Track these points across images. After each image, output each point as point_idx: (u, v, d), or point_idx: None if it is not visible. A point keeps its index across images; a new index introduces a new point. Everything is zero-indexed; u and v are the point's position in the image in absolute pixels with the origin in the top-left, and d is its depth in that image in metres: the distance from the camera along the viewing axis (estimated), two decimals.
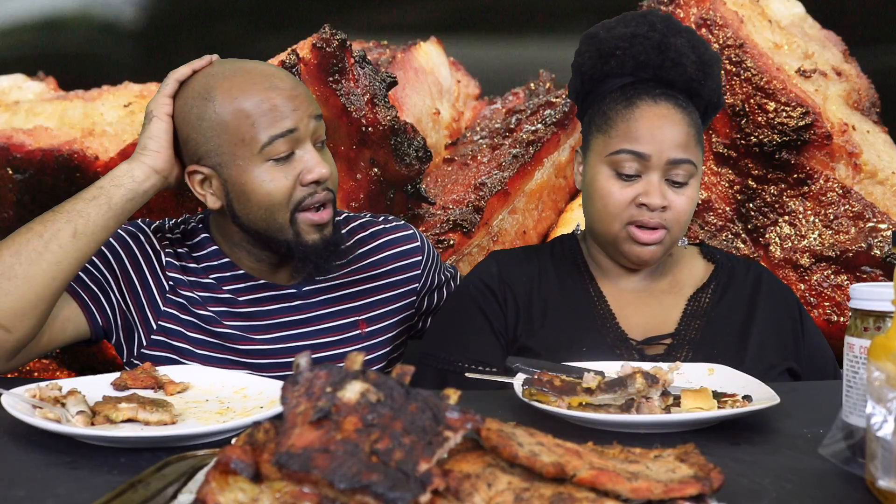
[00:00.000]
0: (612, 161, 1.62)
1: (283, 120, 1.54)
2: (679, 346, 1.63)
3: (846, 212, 2.39)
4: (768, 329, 1.67)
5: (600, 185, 1.63)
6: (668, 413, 1.22)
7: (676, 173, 1.60)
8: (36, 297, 1.47)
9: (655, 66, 1.62)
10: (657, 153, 1.59)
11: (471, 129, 2.75)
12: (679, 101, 1.63)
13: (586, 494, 0.82)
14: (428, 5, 3.56)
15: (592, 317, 1.66)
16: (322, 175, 1.56)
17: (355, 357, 0.88)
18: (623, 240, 1.63)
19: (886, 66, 3.02)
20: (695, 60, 1.63)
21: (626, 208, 1.60)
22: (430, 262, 1.83)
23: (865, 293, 1.06)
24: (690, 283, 1.73)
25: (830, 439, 1.05)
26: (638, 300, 1.70)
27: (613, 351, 1.60)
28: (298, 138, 1.55)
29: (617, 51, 1.63)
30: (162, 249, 1.65)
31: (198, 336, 1.63)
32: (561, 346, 1.60)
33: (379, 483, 0.76)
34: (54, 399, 1.22)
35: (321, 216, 1.59)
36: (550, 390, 1.24)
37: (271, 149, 1.53)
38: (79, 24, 3.59)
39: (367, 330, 1.73)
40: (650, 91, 1.63)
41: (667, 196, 1.60)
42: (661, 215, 1.60)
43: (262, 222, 1.58)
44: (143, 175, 1.55)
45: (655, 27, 1.63)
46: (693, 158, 1.62)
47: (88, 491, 0.96)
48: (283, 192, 1.55)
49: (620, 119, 1.62)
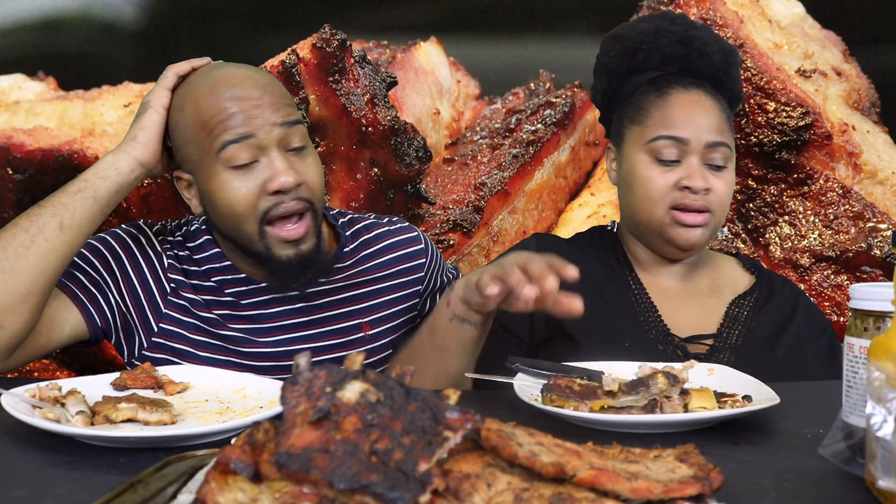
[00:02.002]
0: (650, 149, 1.64)
1: (238, 127, 1.51)
2: (721, 349, 1.64)
3: (846, 212, 2.39)
4: (805, 341, 1.69)
5: (641, 173, 1.65)
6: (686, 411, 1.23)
7: (714, 157, 1.63)
8: (25, 292, 1.47)
9: (681, 57, 1.66)
10: (695, 137, 1.62)
11: (471, 129, 2.75)
12: (709, 89, 1.67)
13: (586, 494, 0.82)
14: (428, 5, 3.56)
15: (634, 309, 1.67)
16: (285, 183, 1.50)
17: (355, 357, 0.88)
18: (668, 225, 1.64)
19: (886, 66, 3.02)
20: (718, 50, 1.67)
21: (669, 192, 1.62)
22: (434, 264, 1.83)
23: (865, 293, 1.06)
24: (730, 288, 1.75)
25: (830, 439, 1.05)
26: (678, 297, 1.71)
27: (656, 346, 1.61)
28: (259, 145, 1.52)
29: (643, 45, 1.67)
30: (163, 251, 1.65)
31: (199, 338, 1.63)
32: (601, 335, 1.60)
33: (379, 483, 0.76)
34: (54, 399, 1.22)
35: (294, 231, 1.54)
36: (571, 395, 1.24)
37: (226, 154, 1.51)
38: (79, 24, 3.59)
39: (370, 332, 1.72)
40: (680, 80, 1.66)
41: (708, 179, 1.62)
42: (705, 198, 1.62)
43: (233, 231, 1.56)
44: (127, 167, 1.54)
45: (676, 22, 1.68)
46: (728, 142, 1.65)
47: (88, 491, 0.96)
48: (244, 200, 1.52)
49: (655, 108, 1.65)
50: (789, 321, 1.71)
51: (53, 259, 1.49)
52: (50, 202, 1.51)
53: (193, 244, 1.68)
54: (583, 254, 1.73)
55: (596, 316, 1.63)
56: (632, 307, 1.67)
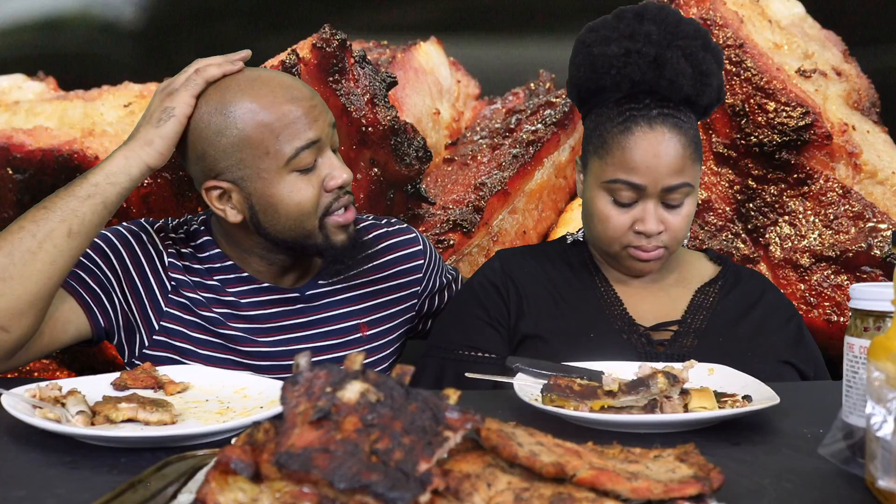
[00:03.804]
0: (608, 188, 1.64)
1: (307, 131, 1.54)
2: (685, 333, 1.66)
3: (846, 212, 2.39)
4: (771, 326, 1.70)
5: (599, 209, 1.66)
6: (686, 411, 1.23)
7: (672, 198, 1.63)
8: (32, 297, 1.45)
9: (651, 82, 1.62)
10: (652, 183, 1.61)
11: (471, 129, 2.75)
12: (676, 121, 1.62)
13: (586, 494, 0.82)
14: (428, 5, 3.55)
15: (600, 304, 1.69)
16: (346, 180, 1.58)
17: (355, 357, 0.88)
18: (623, 258, 1.68)
19: (886, 66, 3.02)
20: (691, 74, 1.61)
21: (625, 233, 1.64)
22: (432, 265, 1.83)
23: (865, 293, 1.06)
24: (698, 279, 1.77)
25: (830, 439, 1.05)
26: (646, 291, 1.73)
27: (621, 336, 1.63)
28: (321, 147, 1.57)
29: (612, 70, 1.62)
30: (165, 249, 1.65)
31: (201, 337, 1.63)
32: (570, 332, 1.63)
33: (379, 483, 0.76)
34: (54, 399, 1.22)
35: (346, 217, 1.61)
36: (571, 395, 1.24)
37: (297, 161, 1.54)
38: (79, 24, 3.59)
39: (368, 333, 1.73)
40: (646, 113, 1.62)
41: (663, 220, 1.63)
42: (658, 238, 1.64)
43: (291, 231, 1.58)
44: (139, 174, 1.52)
45: (651, 38, 1.61)
46: (689, 180, 1.63)
47: (88, 491, 0.96)
48: (310, 200, 1.56)
49: (616, 146, 1.62)
50: (754, 306, 1.73)
51: (61, 265, 1.47)
52: (56, 206, 1.48)
53: (195, 243, 1.68)
54: (549, 259, 1.77)
55: (560, 314, 1.67)
56: (597, 302, 1.69)
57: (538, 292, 1.71)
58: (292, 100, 1.55)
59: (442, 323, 1.77)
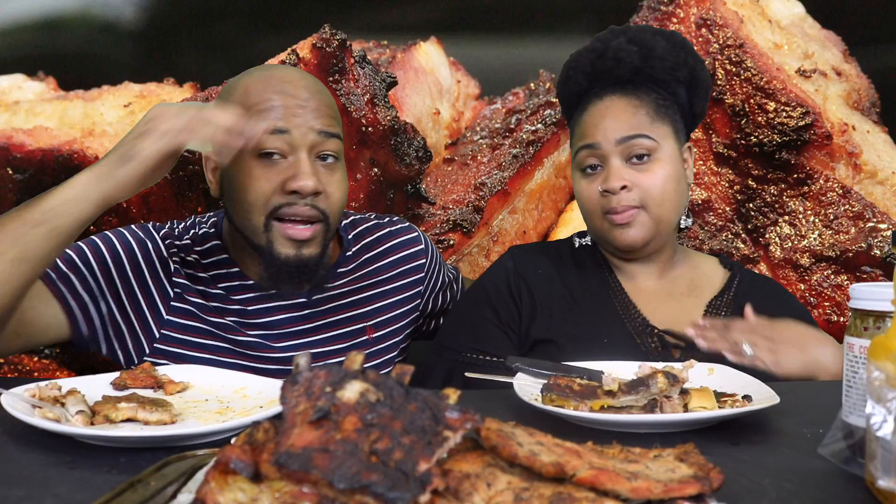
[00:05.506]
0: (577, 163, 1.72)
1: (278, 120, 1.53)
2: (696, 348, 1.64)
3: (846, 212, 2.39)
4: None
5: (577, 189, 1.73)
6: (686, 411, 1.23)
7: (633, 150, 1.66)
8: None
9: (600, 69, 1.71)
10: (604, 138, 1.67)
11: (471, 129, 2.76)
12: (627, 90, 1.70)
13: (586, 494, 0.82)
14: (428, 5, 3.56)
15: (614, 307, 1.70)
16: (304, 186, 1.51)
17: (355, 357, 0.88)
18: (606, 230, 1.69)
19: (886, 66, 3.02)
20: (636, 51, 1.70)
21: (599, 200, 1.68)
22: (434, 264, 1.83)
23: (865, 293, 1.06)
24: (709, 288, 1.77)
25: (830, 439, 1.05)
26: (657, 298, 1.73)
27: (634, 341, 1.63)
28: (291, 143, 1.53)
29: (570, 72, 1.75)
30: (170, 258, 1.63)
31: (207, 342, 1.62)
32: (583, 336, 1.63)
33: (378, 483, 0.76)
34: (54, 399, 1.22)
35: (299, 232, 1.54)
36: (571, 395, 1.24)
37: (260, 144, 1.51)
38: (79, 24, 3.59)
39: (374, 335, 1.72)
40: (599, 92, 1.72)
41: (626, 176, 1.66)
42: (628, 196, 1.65)
43: (241, 219, 1.57)
44: (95, 209, 1.39)
45: (601, 38, 1.73)
46: (649, 133, 1.67)
47: (88, 491, 0.96)
48: (259, 191, 1.53)
49: (576, 125, 1.74)
50: (767, 312, 1.72)
51: (10, 289, 1.39)
52: (7, 228, 1.38)
53: (201, 248, 1.67)
54: (560, 259, 1.78)
55: (576, 318, 1.67)
56: (610, 305, 1.70)
57: (552, 294, 1.71)
58: (281, 92, 1.55)
59: (451, 323, 1.77)
